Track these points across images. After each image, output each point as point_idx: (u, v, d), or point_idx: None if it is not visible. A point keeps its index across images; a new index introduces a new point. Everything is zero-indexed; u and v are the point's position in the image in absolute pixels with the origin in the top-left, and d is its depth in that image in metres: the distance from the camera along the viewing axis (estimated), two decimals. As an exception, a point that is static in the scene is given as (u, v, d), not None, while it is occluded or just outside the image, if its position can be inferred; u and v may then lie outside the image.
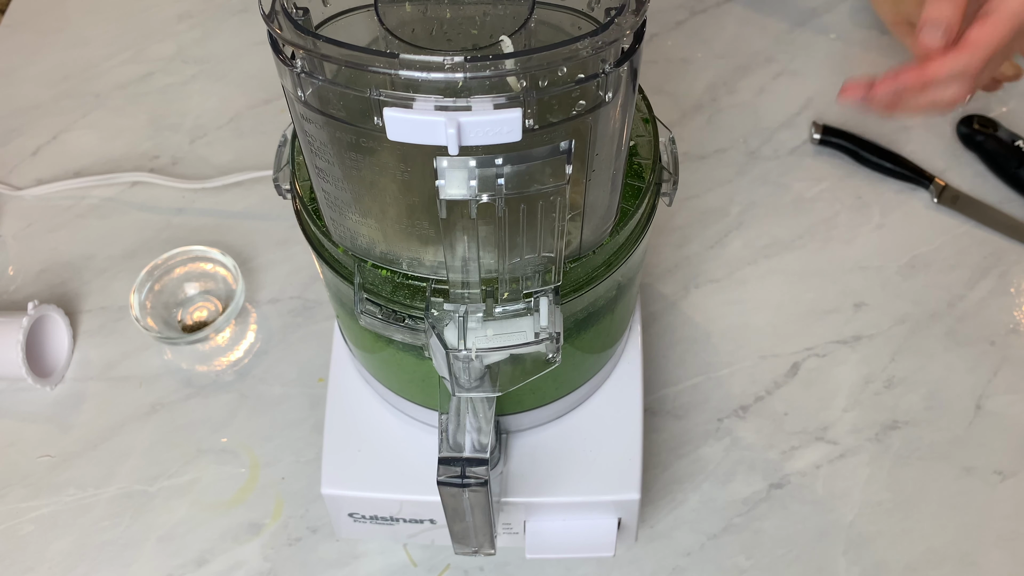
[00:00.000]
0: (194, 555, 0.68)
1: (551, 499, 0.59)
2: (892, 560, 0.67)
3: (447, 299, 0.45)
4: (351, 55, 0.36)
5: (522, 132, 0.36)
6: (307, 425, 0.73)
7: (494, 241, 0.40)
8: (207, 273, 0.79)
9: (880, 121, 0.87)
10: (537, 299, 0.45)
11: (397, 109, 0.35)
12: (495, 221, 0.39)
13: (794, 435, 0.72)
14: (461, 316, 0.45)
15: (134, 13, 0.99)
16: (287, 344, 0.77)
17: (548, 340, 0.44)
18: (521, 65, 0.36)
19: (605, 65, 0.38)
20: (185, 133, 0.90)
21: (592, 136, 0.40)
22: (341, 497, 0.59)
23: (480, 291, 0.44)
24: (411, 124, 0.35)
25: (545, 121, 0.37)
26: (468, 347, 0.44)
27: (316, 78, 0.37)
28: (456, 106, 0.35)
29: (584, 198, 0.43)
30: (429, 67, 0.35)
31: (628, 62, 0.38)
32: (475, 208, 0.38)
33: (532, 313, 0.45)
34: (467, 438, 0.50)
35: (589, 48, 0.36)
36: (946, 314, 0.77)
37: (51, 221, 0.84)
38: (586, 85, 0.38)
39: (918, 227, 0.81)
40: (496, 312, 0.45)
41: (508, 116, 0.35)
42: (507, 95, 0.36)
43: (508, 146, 0.37)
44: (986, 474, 0.70)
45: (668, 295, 0.78)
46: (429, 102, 0.35)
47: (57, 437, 0.73)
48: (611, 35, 0.37)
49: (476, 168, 0.37)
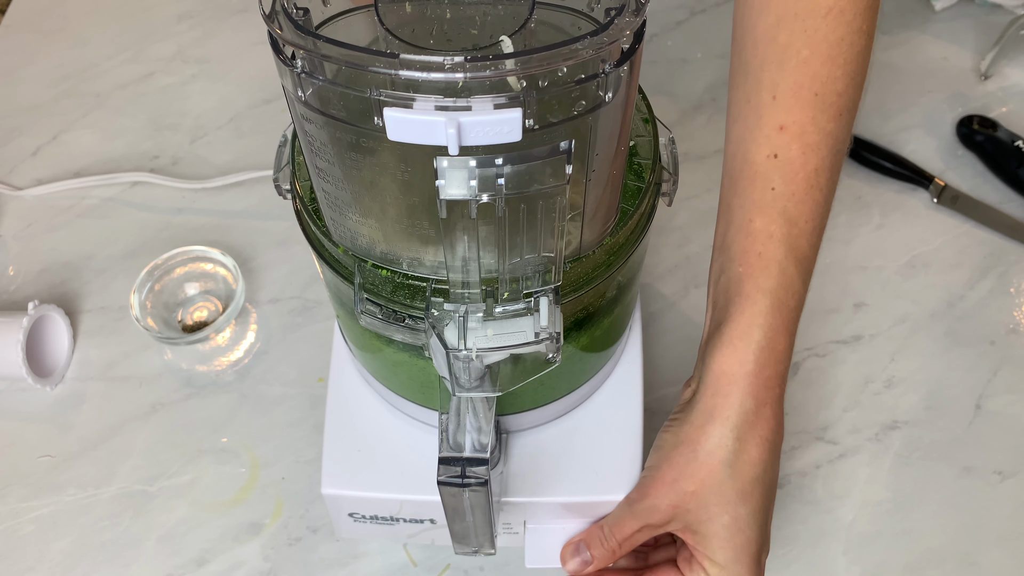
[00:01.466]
0: (194, 555, 0.68)
1: (551, 499, 0.59)
2: (892, 560, 0.67)
3: (447, 299, 0.45)
4: (351, 55, 0.36)
5: (522, 132, 0.36)
6: (307, 425, 0.73)
7: (494, 241, 0.40)
8: (207, 273, 0.79)
9: (880, 121, 0.87)
10: (537, 299, 0.45)
11: (397, 109, 0.35)
12: (495, 221, 0.39)
13: (794, 435, 0.72)
14: (461, 316, 0.45)
15: (134, 13, 0.99)
16: (287, 344, 0.77)
17: (548, 340, 0.44)
18: (521, 65, 0.35)
19: (605, 65, 0.38)
20: (185, 133, 0.90)
21: (592, 136, 0.40)
22: (341, 497, 0.59)
23: (480, 291, 0.44)
24: (411, 124, 0.35)
25: (545, 121, 0.37)
26: (468, 347, 0.44)
27: (316, 78, 0.37)
28: (456, 106, 0.35)
29: (584, 198, 0.43)
30: (429, 67, 0.35)
31: (628, 62, 0.38)
32: (475, 208, 0.38)
33: (532, 313, 0.45)
34: (467, 438, 0.50)
35: (589, 48, 0.36)
36: (946, 314, 0.77)
37: (51, 221, 0.84)
38: (586, 85, 0.38)
39: (918, 227, 0.81)
40: (496, 312, 0.45)
41: (508, 116, 0.35)
42: (507, 95, 0.36)
43: (508, 146, 0.37)
44: (986, 474, 0.70)
45: (668, 295, 0.78)
46: (429, 102, 0.35)
47: (57, 437, 0.73)
48: (611, 35, 0.37)
49: (476, 168, 0.37)
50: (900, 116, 0.88)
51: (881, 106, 0.88)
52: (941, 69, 0.91)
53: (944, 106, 0.88)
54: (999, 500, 0.69)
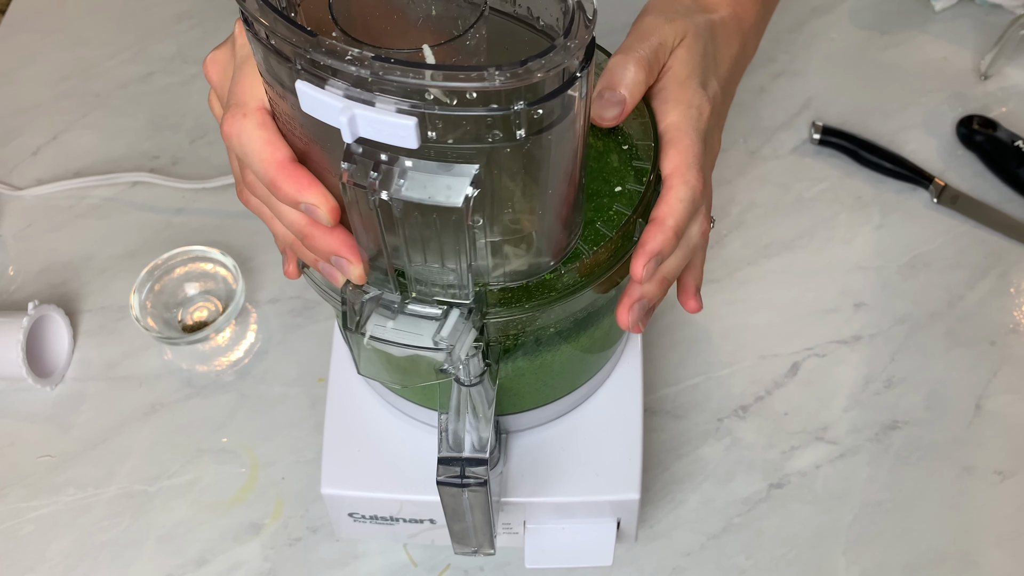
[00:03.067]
0: (194, 555, 0.68)
1: (551, 499, 0.59)
2: (892, 560, 0.67)
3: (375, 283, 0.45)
4: (281, 26, 0.36)
5: (419, 142, 0.36)
6: (307, 425, 0.73)
7: (399, 241, 0.40)
8: (207, 273, 0.79)
9: (880, 121, 0.87)
10: (449, 310, 0.44)
11: (308, 84, 0.36)
12: (395, 221, 0.39)
13: (794, 435, 0.72)
14: (370, 299, 0.44)
15: (134, 13, 0.99)
16: (287, 344, 0.77)
17: (444, 351, 0.43)
18: (418, 77, 0.34)
19: (517, 104, 0.35)
20: (185, 133, 0.90)
21: (516, 167, 0.39)
22: (341, 497, 0.59)
23: (394, 282, 0.44)
24: (314, 101, 0.36)
25: (453, 138, 0.37)
26: (363, 331, 0.44)
27: (266, 45, 0.37)
28: (360, 98, 0.35)
29: (510, 224, 0.42)
30: (334, 53, 0.35)
31: (549, 104, 0.36)
32: (372, 201, 0.38)
33: (440, 321, 0.44)
34: (467, 438, 0.50)
35: (496, 80, 0.34)
36: (946, 314, 0.77)
37: (51, 221, 0.84)
38: (503, 115, 0.36)
39: (918, 227, 0.81)
40: (408, 308, 0.44)
41: (403, 122, 0.35)
42: (410, 102, 0.35)
43: (421, 152, 0.37)
44: (986, 474, 0.70)
45: (668, 295, 0.78)
46: (340, 88, 0.35)
47: (57, 437, 0.73)
48: (523, 76, 0.35)
49: (383, 164, 0.37)
50: (900, 116, 0.88)
51: (881, 106, 0.88)
52: (941, 69, 0.91)
53: (944, 106, 0.88)
54: (999, 500, 0.69)
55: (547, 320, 0.48)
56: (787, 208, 0.83)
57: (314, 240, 0.43)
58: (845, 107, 0.88)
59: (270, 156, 0.42)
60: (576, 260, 0.46)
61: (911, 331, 0.76)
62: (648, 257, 0.46)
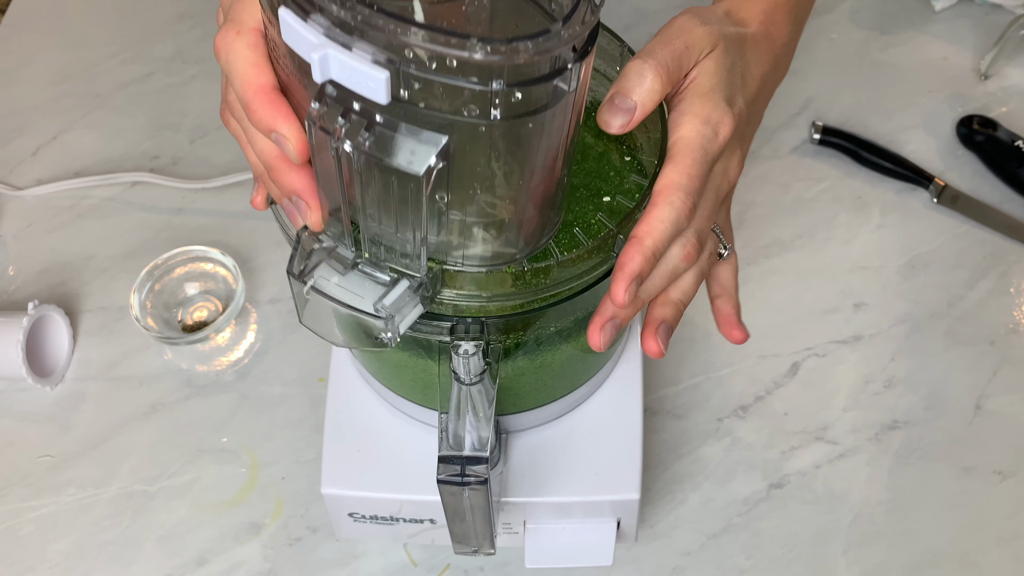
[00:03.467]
0: (194, 555, 0.68)
1: (551, 499, 0.59)
2: (892, 560, 0.67)
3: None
4: None
5: (388, 97, 0.34)
6: (307, 425, 0.73)
7: (358, 194, 0.39)
8: (207, 273, 0.79)
9: (880, 121, 0.87)
10: (398, 279, 0.43)
11: (290, 14, 0.35)
12: (353, 175, 0.38)
13: (794, 435, 0.72)
14: (323, 248, 0.43)
15: (134, 13, 0.99)
16: (287, 344, 0.77)
17: (381, 320, 0.42)
18: (399, 30, 0.33)
19: (496, 82, 0.34)
20: (185, 133, 0.90)
21: (489, 148, 0.37)
22: (341, 497, 0.59)
23: (351, 239, 0.42)
24: (293, 32, 0.35)
25: (426, 103, 0.35)
26: (305, 279, 0.43)
27: None
28: (339, 39, 0.34)
29: (478, 206, 0.40)
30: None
31: (527, 89, 0.34)
32: (334, 149, 0.37)
33: (388, 288, 0.43)
34: (467, 437, 0.50)
35: (480, 52, 0.33)
36: (946, 314, 0.77)
37: (51, 221, 0.84)
38: (480, 92, 0.35)
39: (918, 227, 0.81)
40: (358, 268, 0.43)
41: (375, 73, 0.34)
42: (387, 55, 0.34)
43: (393, 111, 0.35)
44: (986, 474, 0.70)
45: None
46: (321, 23, 0.35)
47: (57, 437, 0.73)
48: (506, 54, 0.33)
49: (352, 113, 0.36)
50: (900, 116, 0.88)
51: (881, 106, 0.88)
52: (941, 69, 0.91)
53: (944, 106, 0.88)
54: (999, 500, 0.69)
55: (500, 311, 0.46)
56: (787, 208, 0.83)
57: (279, 174, 0.42)
58: (845, 107, 0.88)
59: (253, 79, 0.41)
60: (543, 260, 0.45)
61: (911, 331, 0.76)
62: (629, 280, 0.44)
